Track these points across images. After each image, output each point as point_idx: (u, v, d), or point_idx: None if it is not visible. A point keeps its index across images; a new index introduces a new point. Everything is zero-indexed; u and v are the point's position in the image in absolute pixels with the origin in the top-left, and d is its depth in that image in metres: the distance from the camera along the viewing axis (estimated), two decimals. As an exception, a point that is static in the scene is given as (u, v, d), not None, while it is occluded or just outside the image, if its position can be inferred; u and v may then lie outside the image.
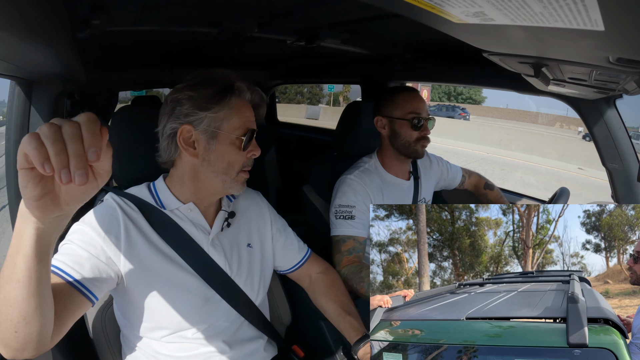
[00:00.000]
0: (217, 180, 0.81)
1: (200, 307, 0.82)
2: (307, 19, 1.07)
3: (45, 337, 0.58)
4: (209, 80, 0.79)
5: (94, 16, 0.81)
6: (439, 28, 0.47)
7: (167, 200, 0.84)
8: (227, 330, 0.86)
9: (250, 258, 0.91)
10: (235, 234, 0.91)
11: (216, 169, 0.80)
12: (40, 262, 0.51)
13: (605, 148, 1.12)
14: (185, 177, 0.83)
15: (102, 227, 0.75)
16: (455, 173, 1.53)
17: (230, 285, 0.85)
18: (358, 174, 1.23)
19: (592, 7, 0.25)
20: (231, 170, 0.81)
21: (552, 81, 0.75)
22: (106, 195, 0.83)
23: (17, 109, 0.93)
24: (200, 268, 0.82)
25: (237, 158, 0.80)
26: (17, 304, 0.52)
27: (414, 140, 1.22)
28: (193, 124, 0.78)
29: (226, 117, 0.78)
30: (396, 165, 1.30)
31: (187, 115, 0.78)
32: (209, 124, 0.78)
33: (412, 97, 1.24)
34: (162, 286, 0.78)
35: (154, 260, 0.79)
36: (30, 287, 0.51)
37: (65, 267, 0.68)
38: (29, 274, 0.50)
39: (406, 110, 1.23)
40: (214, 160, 0.80)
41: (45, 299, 0.55)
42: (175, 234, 0.81)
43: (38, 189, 0.43)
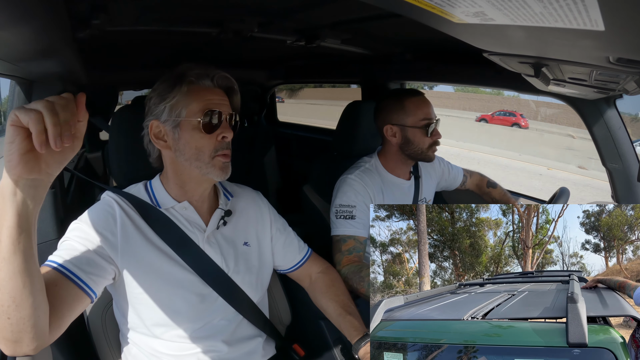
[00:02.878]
0: (192, 168, 0.81)
1: (196, 304, 0.82)
2: (307, 19, 1.07)
3: (40, 326, 0.58)
4: (167, 75, 0.82)
5: (94, 16, 0.81)
6: (439, 28, 0.47)
7: (162, 199, 0.85)
8: (225, 328, 0.86)
9: (247, 256, 0.92)
10: (232, 232, 0.91)
11: (187, 156, 0.80)
12: (23, 233, 0.52)
13: (605, 148, 1.12)
14: (169, 172, 0.84)
15: (99, 224, 0.76)
16: (456, 173, 1.53)
17: (227, 283, 0.85)
18: (358, 173, 1.23)
19: (592, 7, 0.25)
20: (202, 155, 0.80)
21: (552, 81, 0.75)
22: (103, 194, 0.84)
23: (17, 108, 0.93)
24: (197, 265, 0.82)
25: (204, 142, 0.79)
26: (5, 285, 0.54)
27: (427, 146, 1.21)
28: (158, 118, 0.80)
29: (184, 103, 0.79)
30: (399, 167, 1.29)
31: (152, 111, 0.81)
32: (170, 114, 0.79)
33: (422, 103, 1.21)
34: (158, 283, 0.79)
35: (151, 256, 0.79)
36: (15, 264, 0.53)
37: (61, 260, 0.69)
38: (13, 249, 0.52)
39: (418, 117, 1.19)
40: (183, 148, 0.80)
41: (33, 277, 0.55)
42: (171, 232, 0.82)
43: (25, 143, 0.49)
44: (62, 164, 0.54)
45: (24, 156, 0.49)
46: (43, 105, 0.49)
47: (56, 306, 0.63)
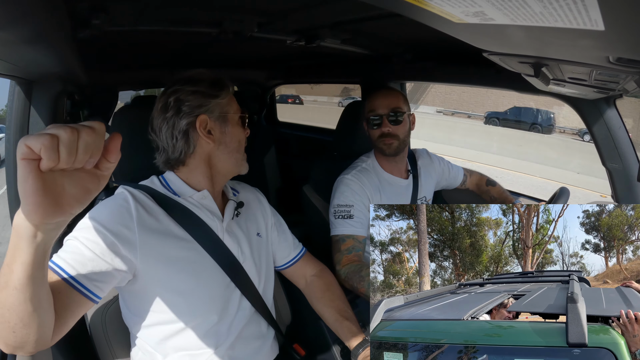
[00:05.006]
0: (231, 160, 0.87)
1: (221, 294, 0.83)
2: (307, 19, 1.07)
3: (44, 336, 0.58)
4: (198, 77, 0.85)
5: (94, 16, 0.81)
6: (439, 28, 0.47)
7: (180, 189, 0.85)
8: (239, 321, 0.86)
9: (259, 247, 0.94)
10: (245, 223, 0.93)
11: (231, 149, 0.87)
12: (39, 268, 0.50)
13: (605, 148, 1.12)
14: (200, 166, 0.85)
15: (114, 220, 0.73)
16: (456, 173, 1.53)
17: (242, 273, 0.86)
18: (355, 173, 1.24)
19: (592, 7, 0.25)
20: (241, 148, 0.89)
21: (552, 81, 0.75)
22: (118, 188, 0.82)
23: (17, 109, 0.93)
24: (217, 255, 0.83)
25: (242, 136, 0.90)
26: (14, 308, 0.52)
27: (377, 138, 1.25)
28: (207, 113, 0.83)
29: (228, 102, 0.87)
30: (390, 164, 1.30)
31: (199, 107, 0.82)
32: (221, 110, 0.85)
33: (374, 96, 1.27)
34: (181, 273, 0.78)
35: (171, 247, 0.78)
36: (27, 293, 0.51)
37: (66, 265, 0.67)
38: (26, 281, 0.50)
39: (366, 109, 1.27)
40: (229, 142, 0.87)
41: (42, 302, 0.54)
42: (191, 220, 0.82)
43: (39, 181, 0.41)
44: (86, 200, 0.46)
45: (41, 200, 0.41)
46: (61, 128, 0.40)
47: (59, 313, 0.61)
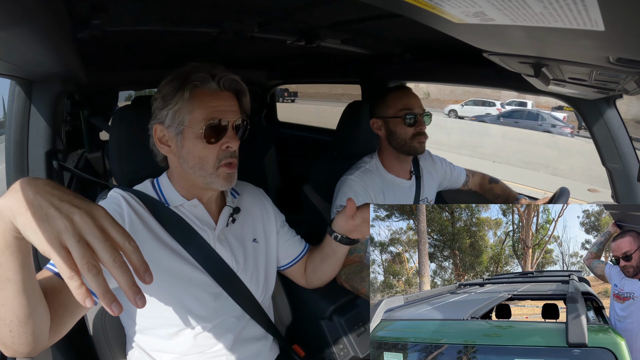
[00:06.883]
0: (196, 177, 0.78)
1: (209, 303, 0.81)
2: (307, 19, 1.07)
3: (41, 336, 0.58)
4: (172, 76, 0.78)
5: (94, 16, 0.81)
6: (439, 28, 0.47)
7: (171, 196, 0.83)
8: (234, 327, 0.85)
9: (256, 253, 0.91)
10: (241, 229, 0.91)
11: (190, 165, 0.77)
12: (28, 255, 0.51)
13: (605, 148, 1.12)
14: (174, 173, 0.83)
15: None
16: (459, 173, 1.53)
17: (236, 282, 0.85)
18: (359, 174, 1.24)
19: (592, 7, 0.25)
20: (206, 165, 0.77)
21: (552, 81, 0.75)
22: (111, 191, 0.82)
23: (17, 108, 0.93)
24: (208, 264, 0.81)
25: (207, 152, 0.76)
26: (9, 303, 0.52)
27: (410, 137, 1.23)
28: (162, 122, 0.78)
29: (187, 110, 0.75)
30: (396, 165, 1.30)
31: (156, 115, 0.79)
32: (172, 120, 0.76)
33: (403, 95, 1.25)
34: (170, 282, 0.78)
35: (161, 255, 0.78)
36: (21, 283, 0.51)
37: None
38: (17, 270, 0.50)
39: (397, 108, 1.24)
40: (186, 157, 0.77)
41: (36, 295, 0.54)
42: (181, 230, 0.80)
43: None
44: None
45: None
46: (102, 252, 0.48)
47: (58, 312, 0.61)
